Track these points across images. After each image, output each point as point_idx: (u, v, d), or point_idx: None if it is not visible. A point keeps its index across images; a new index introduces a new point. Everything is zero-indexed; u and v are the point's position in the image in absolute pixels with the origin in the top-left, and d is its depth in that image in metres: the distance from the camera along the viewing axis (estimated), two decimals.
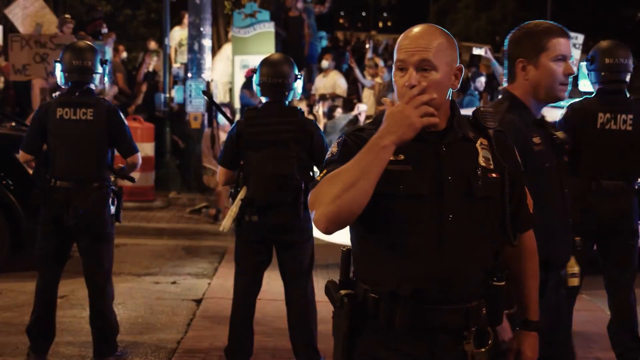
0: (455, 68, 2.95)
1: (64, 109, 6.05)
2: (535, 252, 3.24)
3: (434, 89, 2.87)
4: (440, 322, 2.87)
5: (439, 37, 2.95)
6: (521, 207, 3.13)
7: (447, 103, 2.97)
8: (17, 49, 11.94)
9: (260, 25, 15.07)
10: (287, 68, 5.90)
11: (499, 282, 2.93)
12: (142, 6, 25.85)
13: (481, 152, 2.96)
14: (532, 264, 3.23)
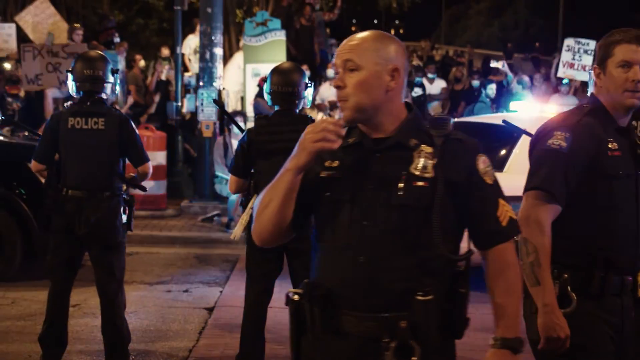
0: (390, 68, 2.90)
1: (75, 119, 6.07)
2: (511, 266, 2.96)
3: (359, 88, 2.89)
4: (353, 328, 2.87)
5: (370, 39, 2.94)
6: (484, 221, 2.95)
7: (396, 106, 2.96)
8: (30, 58, 12.00)
9: (271, 34, 15.11)
10: (298, 76, 5.92)
11: (424, 296, 2.83)
12: (154, 15, 25.95)
13: (417, 160, 2.90)
14: (502, 282, 2.97)
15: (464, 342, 7.67)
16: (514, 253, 2.99)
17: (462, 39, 43.51)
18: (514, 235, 2.99)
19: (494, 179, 2.97)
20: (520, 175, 9.31)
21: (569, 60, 14.55)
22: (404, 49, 3.00)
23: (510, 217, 2.96)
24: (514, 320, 2.98)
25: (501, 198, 2.97)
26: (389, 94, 2.92)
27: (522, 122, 8.62)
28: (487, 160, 2.99)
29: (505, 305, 2.96)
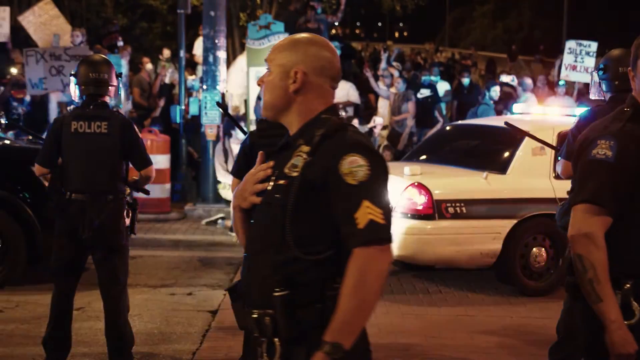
0: (293, 71, 3.00)
1: (78, 122, 6.09)
2: (355, 271, 2.80)
3: (267, 88, 3.07)
4: (248, 326, 3.00)
5: (284, 42, 3.08)
6: (342, 222, 2.85)
7: (306, 107, 3.03)
8: (33, 63, 12.03)
9: (274, 37, 15.06)
10: None
11: (280, 292, 2.86)
12: (158, 19, 25.98)
13: (292, 159, 2.96)
14: (344, 286, 2.81)
15: (466, 344, 7.74)
16: (371, 258, 2.81)
17: (466, 41, 43.53)
18: (370, 239, 2.80)
19: (360, 179, 2.83)
20: (523, 177, 9.44)
21: (571, 63, 14.54)
22: (319, 53, 3.04)
23: (370, 219, 2.80)
24: (339, 325, 2.81)
25: (367, 200, 2.82)
26: (295, 95, 3.02)
27: (525, 125, 8.65)
28: (359, 161, 2.85)
29: (338, 309, 2.81)
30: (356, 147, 2.90)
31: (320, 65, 3.03)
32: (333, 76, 3.08)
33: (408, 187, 8.67)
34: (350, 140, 2.93)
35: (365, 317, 2.87)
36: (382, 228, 2.81)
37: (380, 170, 2.89)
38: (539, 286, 9.01)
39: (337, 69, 3.10)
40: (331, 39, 19.05)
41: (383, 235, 2.82)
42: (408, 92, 15.20)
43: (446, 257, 8.88)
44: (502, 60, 28.17)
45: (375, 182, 2.86)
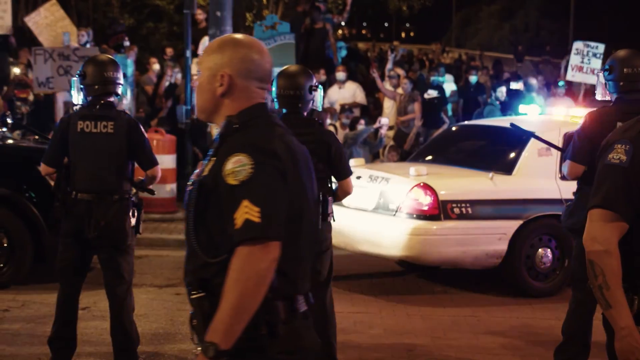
0: (219, 74, 3.03)
1: (84, 122, 6.10)
2: (232, 272, 2.79)
3: (197, 91, 3.11)
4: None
5: (213, 44, 3.11)
6: (225, 222, 2.84)
7: (234, 110, 3.05)
8: (41, 62, 12.05)
9: (280, 37, 15.09)
10: (303, 80, 5.93)
11: (196, 295, 2.93)
12: (164, 19, 26.01)
13: (210, 163, 2.99)
14: (225, 286, 2.80)
15: (471, 345, 7.74)
16: (245, 258, 2.79)
17: (472, 42, 43.49)
18: (245, 239, 2.79)
19: (242, 179, 2.83)
20: (529, 178, 9.43)
21: (578, 64, 14.52)
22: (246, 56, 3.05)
23: (246, 219, 2.79)
24: (215, 324, 2.80)
25: (247, 199, 2.80)
26: (222, 98, 3.05)
27: (531, 125, 8.64)
28: (244, 160, 2.85)
29: (218, 309, 2.81)
30: (244, 146, 2.89)
31: (246, 67, 3.05)
32: (261, 78, 3.10)
33: (414, 187, 8.67)
34: (241, 140, 2.93)
35: (241, 317, 2.80)
36: (257, 227, 2.78)
37: (268, 169, 2.86)
38: (545, 287, 8.99)
39: (265, 70, 3.11)
40: (337, 40, 19.06)
41: (257, 234, 2.78)
42: (414, 93, 15.19)
43: (452, 258, 8.87)
44: (508, 60, 28.16)
45: (258, 181, 2.83)
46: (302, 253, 3.03)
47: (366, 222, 9.00)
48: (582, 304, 6.00)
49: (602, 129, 5.83)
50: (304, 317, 3.01)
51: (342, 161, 5.97)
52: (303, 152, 3.09)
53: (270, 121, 3.06)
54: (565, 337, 6.08)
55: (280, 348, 2.92)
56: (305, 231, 3.02)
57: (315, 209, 3.13)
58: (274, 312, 2.90)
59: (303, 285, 3.04)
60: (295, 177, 2.95)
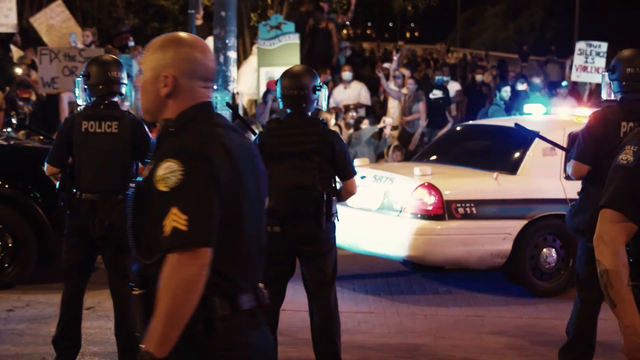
0: (163, 74, 3.01)
1: (89, 122, 6.10)
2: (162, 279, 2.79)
3: (141, 91, 3.08)
4: None
5: (154, 44, 3.07)
6: (158, 230, 2.82)
7: (176, 111, 3.03)
8: (46, 61, 12.06)
9: (285, 37, 15.11)
10: (307, 80, 5.93)
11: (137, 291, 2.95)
12: (169, 19, 26.03)
13: (149, 167, 2.98)
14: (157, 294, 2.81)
15: (476, 345, 7.73)
16: (173, 266, 2.78)
17: (477, 41, 43.46)
18: (171, 247, 2.79)
19: (171, 185, 2.82)
20: (534, 177, 9.41)
21: (582, 64, 14.51)
22: (189, 55, 3.03)
23: (174, 227, 2.78)
24: (151, 333, 2.81)
25: (175, 206, 2.80)
26: (166, 99, 3.02)
27: (536, 125, 8.63)
28: (174, 166, 2.84)
29: (153, 317, 2.81)
30: (175, 152, 2.88)
31: (190, 68, 3.03)
32: (205, 77, 3.08)
33: (418, 187, 8.66)
34: (174, 145, 2.91)
35: (174, 324, 2.79)
36: (184, 235, 2.78)
37: (198, 175, 2.84)
38: (549, 287, 8.98)
39: (209, 69, 3.09)
40: (342, 40, 19.06)
41: (183, 243, 2.78)
42: (419, 93, 15.18)
43: (456, 258, 8.86)
44: (513, 60, 28.12)
45: (187, 188, 2.82)
46: (244, 253, 3.01)
47: (370, 222, 9.00)
48: (587, 304, 5.99)
49: (607, 128, 5.85)
50: (249, 314, 2.99)
51: (346, 161, 5.97)
52: (248, 151, 3.07)
53: (210, 121, 3.03)
54: (570, 337, 6.08)
55: (219, 345, 2.92)
56: (248, 231, 3.01)
57: (261, 207, 3.11)
58: (211, 309, 2.89)
59: (248, 284, 3.01)
60: (233, 179, 2.93)
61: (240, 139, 3.07)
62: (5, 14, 14.28)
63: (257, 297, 3.04)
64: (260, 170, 3.12)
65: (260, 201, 3.10)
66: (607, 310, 7.67)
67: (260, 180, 3.10)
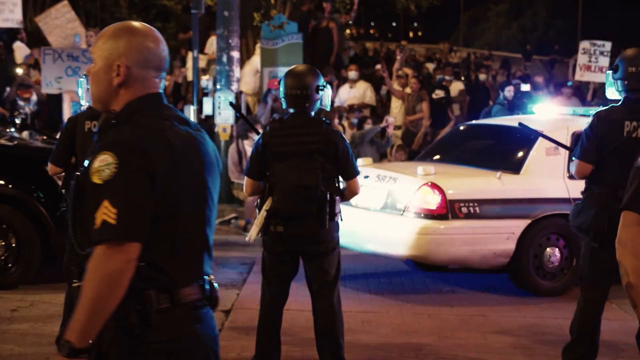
0: (116, 63, 3.01)
1: (92, 122, 6.11)
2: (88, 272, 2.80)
3: (92, 80, 3.08)
4: None
5: (106, 32, 3.08)
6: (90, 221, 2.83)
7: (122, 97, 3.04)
8: (50, 61, 12.08)
9: (288, 37, 15.11)
10: (310, 79, 5.92)
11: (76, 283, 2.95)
12: (172, 19, 26.04)
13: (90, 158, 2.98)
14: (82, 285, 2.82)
15: (479, 344, 7.72)
16: (99, 259, 2.79)
17: (480, 41, 43.45)
18: (99, 240, 2.79)
19: (105, 178, 2.82)
20: (537, 177, 9.40)
21: (586, 63, 14.49)
22: (142, 44, 3.04)
23: (103, 220, 2.79)
24: (73, 323, 2.82)
25: (107, 199, 2.80)
26: (119, 88, 3.03)
27: (539, 124, 8.63)
28: (109, 159, 2.84)
29: (76, 308, 2.82)
30: (112, 145, 2.88)
31: (143, 57, 3.03)
32: (157, 67, 3.08)
33: (421, 186, 8.66)
34: (112, 137, 2.92)
35: (96, 317, 2.81)
36: (112, 229, 2.78)
37: (132, 169, 2.84)
38: (553, 286, 8.98)
39: (161, 59, 3.10)
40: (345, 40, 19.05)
41: (111, 237, 2.79)
42: (422, 92, 15.18)
43: (459, 257, 8.86)
44: (517, 60, 28.11)
45: (119, 182, 2.82)
46: (185, 247, 3.01)
47: (374, 222, 9.00)
48: (590, 303, 5.99)
49: (610, 128, 5.85)
50: (192, 307, 3.01)
51: (349, 161, 5.97)
52: (196, 145, 3.07)
53: (157, 113, 3.03)
54: (573, 336, 6.07)
55: (156, 337, 2.93)
56: (189, 225, 3.01)
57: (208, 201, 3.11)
58: (146, 302, 2.91)
59: (190, 277, 3.03)
60: (172, 173, 2.92)
61: (188, 131, 3.06)
62: (10, 9, 14.32)
63: (203, 289, 3.06)
64: (210, 162, 3.11)
65: (208, 195, 3.10)
66: (610, 309, 7.71)
67: (210, 174, 3.11)
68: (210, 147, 3.13)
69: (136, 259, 2.82)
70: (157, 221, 2.89)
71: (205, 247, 3.11)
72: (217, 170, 3.16)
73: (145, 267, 2.88)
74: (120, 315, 2.86)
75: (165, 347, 2.94)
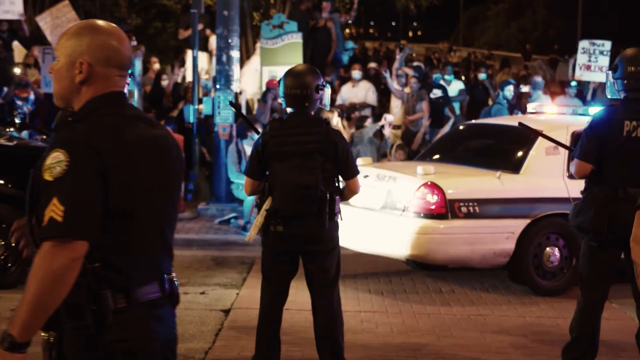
0: (78, 61, 3.02)
1: None
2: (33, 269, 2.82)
3: (55, 77, 3.08)
4: None
5: (69, 31, 3.09)
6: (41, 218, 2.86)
7: (84, 94, 3.04)
8: (49, 61, 12.08)
9: (288, 36, 15.11)
10: (310, 79, 5.92)
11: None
12: (171, 19, 26.03)
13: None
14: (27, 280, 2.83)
15: (479, 344, 7.72)
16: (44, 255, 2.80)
17: (480, 40, 43.45)
18: (46, 236, 2.81)
19: (56, 175, 2.84)
20: (537, 176, 9.41)
21: (585, 63, 14.50)
22: (105, 42, 3.05)
23: (51, 217, 2.80)
24: (16, 317, 2.83)
25: (56, 197, 2.82)
26: (81, 85, 3.04)
27: (539, 124, 8.63)
28: (60, 156, 2.85)
29: (20, 302, 2.84)
30: (64, 142, 2.89)
31: (105, 55, 3.04)
32: (120, 65, 3.09)
33: (421, 186, 8.66)
34: (66, 135, 2.93)
35: (38, 313, 2.81)
36: (58, 226, 2.79)
37: (83, 167, 2.86)
38: (552, 286, 8.98)
39: (124, 57, 3.10)
40: (345, 40, 19.04)
41: (57, 234, 2.80)
42: (422, 92, 15.17)
43: (459, 257, 8.86)
44: (516, 59, 28.10)
45: (69, 180, 2.83)
46: (141, 246, 3.01)
47: (373, 221, 9.00)
48: (590, 303, 5.99)
49: (610, 127, 5.85)
50: (150, 306, 3.02)
51: (349, 161, 5.96)
52: (156, 144, 3.07)
53: (117, 112, 3.04)
54: (573, 335, 6.07)
55: (113, 337, 2.94)
56: (146, 224, 3.01)
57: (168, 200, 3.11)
58: (102, 302, 2.91)
59: (147, 276, 3.04)
60: (127, 173, 2.93)
61: (149, 131, 3.06)
62: (11, 0, 14.31)
63: (163, 288, 3.06)
64: (172, 163, 3.13)
65: (167, 194, 3.11)
66: (610, 309, 7.70)
67: (170, 173, 3.12)
68: (172, 147, 3.14)
69: (82, 257, 2.83)
70: (113, 220, 2.90)
71: (164, 246, 3.12)
72: (179, 170, 3.18)
73: (101, 266, 2.89)
74: (76, 315, 2.89)
75: (123, 346, 2.95)
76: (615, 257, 5.88)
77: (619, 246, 5.86)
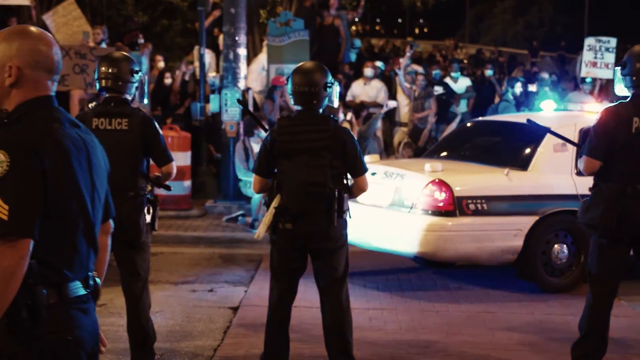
0: (7, 65, 3.09)
1: (99, 119, 6.12)
2: None
3: None
4: None
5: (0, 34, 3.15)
6: None
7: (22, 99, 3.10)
8: None
9: (295, 34, 15.08)
10: (318, 76, 5.92)
11: None
12: (178, 16, 26.03)
13: None
14: None
15: (487, 341, 7.71)
16: None
17: (486, 37, 43.36)
18: None
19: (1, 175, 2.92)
20: (545, 173, 9.39)
21: (591, 60, 14.47)
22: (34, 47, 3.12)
23: None
24: None
25: (0, 196, 2.90)
26: (10, 89, 3.11)
27: (547, 121, 8.61)
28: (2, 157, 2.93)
29: None
30: (4, 143, 2.96)
31: (34, 59, 3.13)
32: (49, 69, 3.18)
33: (429, 183, 8.66)
34: (3, 136, 3.00)
35: None
36: (4, 224, 2.88)
37: (24, 167, 2.93)
38: (561, 283, 8.97)
39: (53, 61, 3.19)
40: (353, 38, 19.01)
41: (3, 232, 2.88)
42: (429, 89, 15.16)
43: (467, 254, 8.85)
44: (523, 56, 28.03)
45: (11, 180, 2.90)
46: (72, 245, 3.11)
47: (381, 219, 9.00)
48: (599, 300, 5.98)
49: (618, 124, 5.84)
50: (78, 301, 3.13)
51: (358, 158, 5.96)
52: (85, 147, 3.17)
53: (46, 115, 3.12)
54: (582, 333, 6.07)
55: (47, 329, 3.04)
56: (77, 224, 3.11)
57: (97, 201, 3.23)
58: (36, 298, 2.99)
59: (77, 274, 3.13)
60: (61, 174, 3.03)
61: (78, 134, 3.17)
62: None
63: (88, 284, 3.19)
64: (99, 165, 3.24)
65: (95, 195, 3.21)
66: (619, 306, 7.69)
67: (98, 175, 3.22)
68: (98, 149, 3.27)
69: (28, 255, 2.92)
70: (48, 219, 2.99)
71: (92, 245, 3.23)
72: (104, 172, 3.29)
73: (36, 263, 2.98)
74: (11, 310, 2.94)
75: (57, 337, 3.06)
76: (624, 253, 5.88)
77: (628, 243, 5.86)
